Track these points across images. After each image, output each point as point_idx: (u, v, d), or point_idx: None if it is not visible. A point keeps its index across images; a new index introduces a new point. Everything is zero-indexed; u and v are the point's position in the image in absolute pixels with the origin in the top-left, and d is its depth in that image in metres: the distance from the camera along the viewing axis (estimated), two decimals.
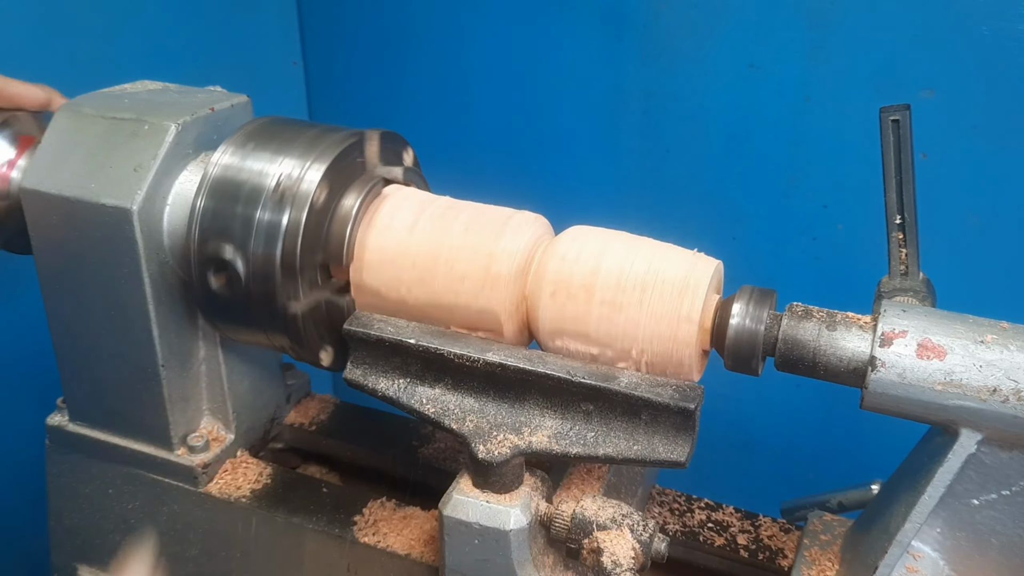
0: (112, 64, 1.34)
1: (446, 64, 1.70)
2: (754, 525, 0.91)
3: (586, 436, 0.70)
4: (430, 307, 0.77)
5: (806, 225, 1.48)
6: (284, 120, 0.84)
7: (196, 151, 0.84)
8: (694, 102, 1.50)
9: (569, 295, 0.72)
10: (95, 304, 0.85)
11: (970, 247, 1.36)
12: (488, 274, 0.74)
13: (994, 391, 0.62)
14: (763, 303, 0.70)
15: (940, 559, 0.70)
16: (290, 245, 0.75)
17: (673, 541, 0.88)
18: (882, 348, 0.64)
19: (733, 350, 0.70)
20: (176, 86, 0.94)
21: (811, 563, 0.79)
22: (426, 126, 1.72)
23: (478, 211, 0.79)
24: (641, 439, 0.69)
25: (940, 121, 1.31)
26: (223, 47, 1.60)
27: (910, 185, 0.75)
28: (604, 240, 0.74)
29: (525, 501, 0.70)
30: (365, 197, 0.80)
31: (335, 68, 1.82)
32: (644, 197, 1.60)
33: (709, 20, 1.44)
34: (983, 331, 0.64)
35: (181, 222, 0.81)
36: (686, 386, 0.69)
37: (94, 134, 0.83)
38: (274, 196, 0.76)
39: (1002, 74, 1.27)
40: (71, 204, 0.81)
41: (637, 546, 0.67)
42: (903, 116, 0.74)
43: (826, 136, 1.42)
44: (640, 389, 0.68)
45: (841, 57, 1.37)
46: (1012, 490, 0.66)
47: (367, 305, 0.80)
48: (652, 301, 0.70)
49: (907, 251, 0.75)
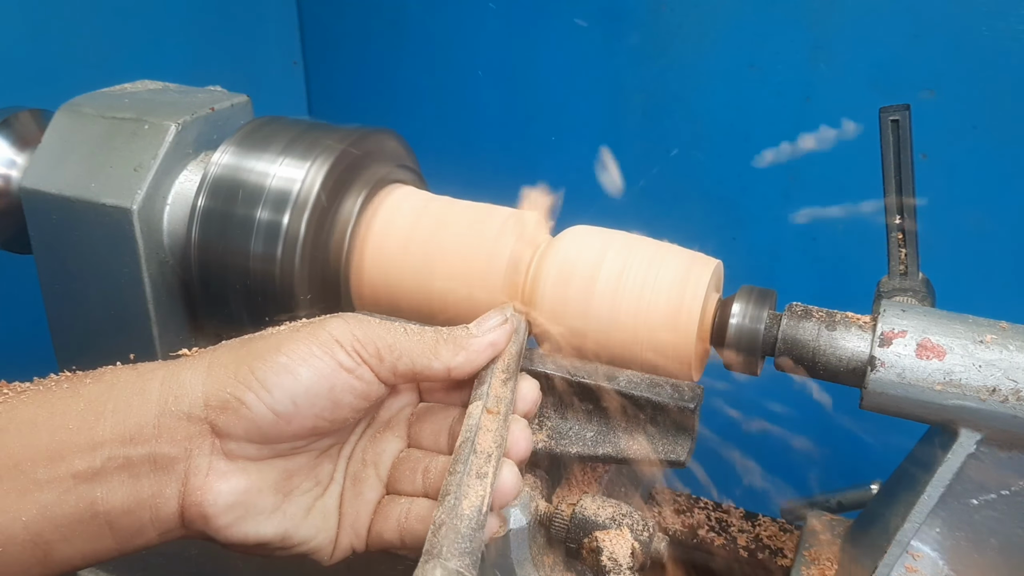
0: (112, 64, 1.34)
1: (446, 64, 1.70)
2: (754, 525, 0.91)
3: (586, 436, 0.70)
4: (429, 307, 0.77)
5: (806, 225, 1.48)
6: (284, 119, 0.84)
7: (196, 151, 0.84)
8: (694, 102, 1.50)
9: (568, 295, 0.72)
10: (95, 304, 0.85)
11: (970, 247, 1.36)
12: (486, 274, 0.74)
13: (993, 391, 0.62)
14: (763, 303, 0.70)
15: (939, 559, 0.70)
16: (290, 245, 0.75)
17: (673, 541, 0.88)
18: (881, 348, 0.64)
19: (733, 350, 0.70)
20: (176, 86, 0.94)
21: (811, 563, 0.79)
22: (426, 126, 1.72)
23: (477, 211, 0.79)
24: (641, 439, 0.69)
25: (940, 121, 1.31)
26: (223, 47, 1.61)
27: (910, 185, 0.75)
28: (604, 240, 0.74)
29: (525, 501, 0.70)
30: (365, 197, 0.80)
31: (335, 68, 1.82)
32: (644, 197, 1.60)
33: (709, 20, 1.44)
34: (982, 331, 0.64)
35: (181, 222, 0.81)
36: (686, 386, 0.69)
37: (94, 134, 0.83)
38: (274, 196, 0.76)
39: (1002, 74, 1.27)
40: (71, 204, 0.81)
41: (637, 546, 0.67)
42: (903, 116, 0.74)
43: (826, 136, 1.42)
44: (640, 389, 0.68)
45: (841, 57, 1.37)
46: (1011, 490, 0.66)
47: (367, 305, 0.80)
48: (652, 301, 0.70)
49: (907, 251, 0.76)
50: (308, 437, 0.56)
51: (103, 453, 0.52)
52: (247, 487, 0.54)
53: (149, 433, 0.53)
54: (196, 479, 0.53)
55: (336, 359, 0.55)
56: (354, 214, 0.79)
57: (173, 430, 0.53)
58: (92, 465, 0.51)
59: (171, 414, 0.53)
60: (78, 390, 0.54)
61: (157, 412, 0.53)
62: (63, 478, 0.51)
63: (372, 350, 0.56)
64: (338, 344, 0.55)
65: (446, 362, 0.59)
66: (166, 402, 0.53)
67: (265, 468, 0.56)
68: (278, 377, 0.53)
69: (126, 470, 0.52)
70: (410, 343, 0.58)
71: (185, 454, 0.53)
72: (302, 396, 0.54)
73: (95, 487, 0.52)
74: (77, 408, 0.53)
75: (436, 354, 0.58)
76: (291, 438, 0.55)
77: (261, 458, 0.55)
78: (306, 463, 0.58)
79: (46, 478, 0.51)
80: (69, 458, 0.51)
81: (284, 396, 0.53)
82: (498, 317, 0.62)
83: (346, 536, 0.60)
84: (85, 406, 0.53)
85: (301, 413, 0.54)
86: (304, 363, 0.54)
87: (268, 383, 0.53)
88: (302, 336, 0.55)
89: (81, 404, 0.53)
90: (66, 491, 0.51)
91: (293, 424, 0.54)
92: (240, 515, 0.54)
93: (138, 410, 0.53)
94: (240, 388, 0.53)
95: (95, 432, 0.52)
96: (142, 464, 0.52)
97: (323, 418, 0.55)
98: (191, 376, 0.54)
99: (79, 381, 0.55)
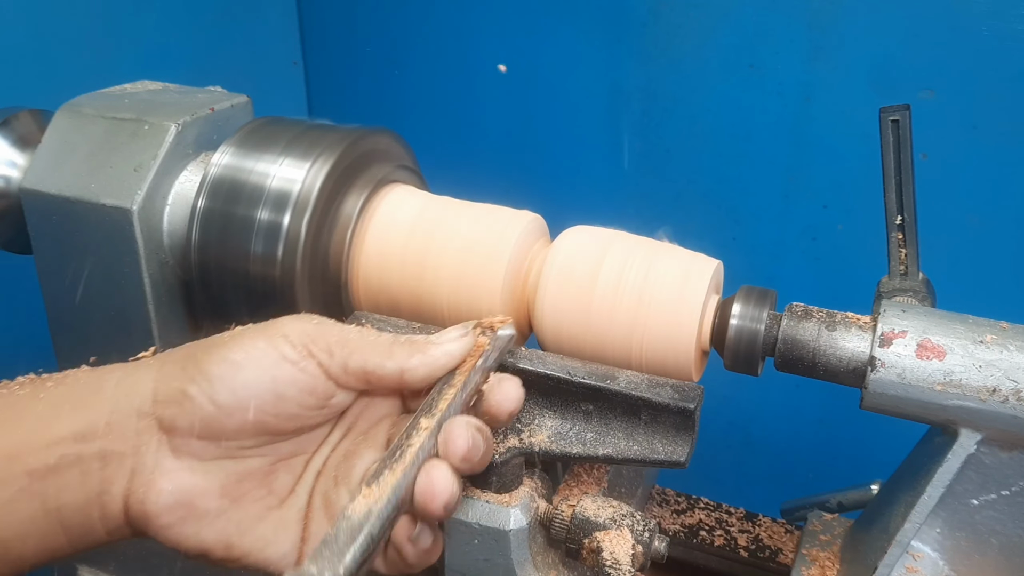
0: (112, 64, 1.34)
1: (446, 64, 1.70)
2: (754, 525, 0.91)
3: (586, 436, 0.70)
4: (428, 307, 0.77)
5: (806, 225, 1.49)
6: (284, 120, 0.84)
7: (196, 151, 0.84)
8: (694, 102, 1.50)
9: (568, 295, 0.72)
10: (95, 304, 0.85)
11: (970, 247, 1.36)
12: (485, 275, 0.74)
13: (993, 391, 0.62)
14: (763, 303, 0.70)
15: (940, 559, 0.70)
16: (291, 246, 0.75)
17: (673, 541, 0.88)
18: (882, 348, 0.64)
19: (733, 350, 0.70)
20: (176, 86, 0.94)
21: (811, 563, 0.79)
22: (426, 126, 1.72)
23: (476, 211, 0.79)
24: (641, 439, 0.69)
25: (940, 121, 1.31)
26: (223, 47, 1.61)
27: (910, 185, 0.75)
28: (604, 240, 0.74)
29: (525, 501, 0.70)
30: (366, 197, 0.80)
31: (335, 68, 1.82)
32: (644, 197, 1.60)
33: (709, 20, 1.44)
34: (983, 331, 0.64)
35: (181, 222, 0.81)
36: (686, 386, 0.69)
37: (94, 134, 0.83)
38: (275, 196, 0.76)
39: (1002, 74, 1.27)
40: (71, 204, 0.81)
41: (637, 546, 0.67)
42: (903, 116, 0.74)
43: (826, 136, 1.42)
44: (640, 389, 0.68)
45: (841, 57, 1.37)
46: (1012, 490, 0.66)
47: (366, 304, 0.80)
48: (651, 301, 0.70)
49: (907, 251, 0.76)
50: (256, 435, 0.56)
51: (57, 451, 0.52)
52: (191, 487, 0.54)
53: (101, 430, 0.53)
54: (141, 476, 0.53)
55: (279, 351, 0.54)
56: (354, 214, 0.79)
57: (123, 427, 0.53)
58: (47, 463, 0.52)
59: (122, 411, 0.53)
60: (38, 392, 0.54)
61: (110, 409, 0.53)
62: (18, 476, 0.51)
63: (322, 344, 0.56)
64: (284, 338, 0.55)
65: (400, 363, 0.57)
66: (118, 399, 0.53)
67: (213, 468, 0.55)
68: (220, 368, 0.53)
69: (77, 466, 0.52)
70: (364, 342, 0.57)
71: (133, 450, 0.53)
72: (241, 387, 0.53)
73: (48, 485, 0.52)
74: (37, 409, 0.53)
75: (390, 354, 0.57)
76: (236, 435, 0.55)
77: (209, 457, 0.55)
78: (258, 468, 0.57)
79: (2, 477, 0.51)
80: (25, 457, 0.52)
81: (224, 387, 0.53)
82: (460, 331, 0.61)
83: None
84: (44, 407, 0.53)
85: (242, 405, 0.53)
86: (246, 355, 0.54)
87: (210, 374, 0.53)
88: (251, 331, 0.56)
89: (41, 405, 0.53)
90: (21, 489, 0.51)
91: (235, 417, 0.54)
92: (182, 516, 0.54)
93: (92, 407, 0.53)
94: (185, 380, 0.53)
95: (52, 431, 0.52)
96: (92, 461, 0.53)
97: (266, 412, 0.54)
98: (144, 374, 0.55)
99: (40, 384, 0.55)
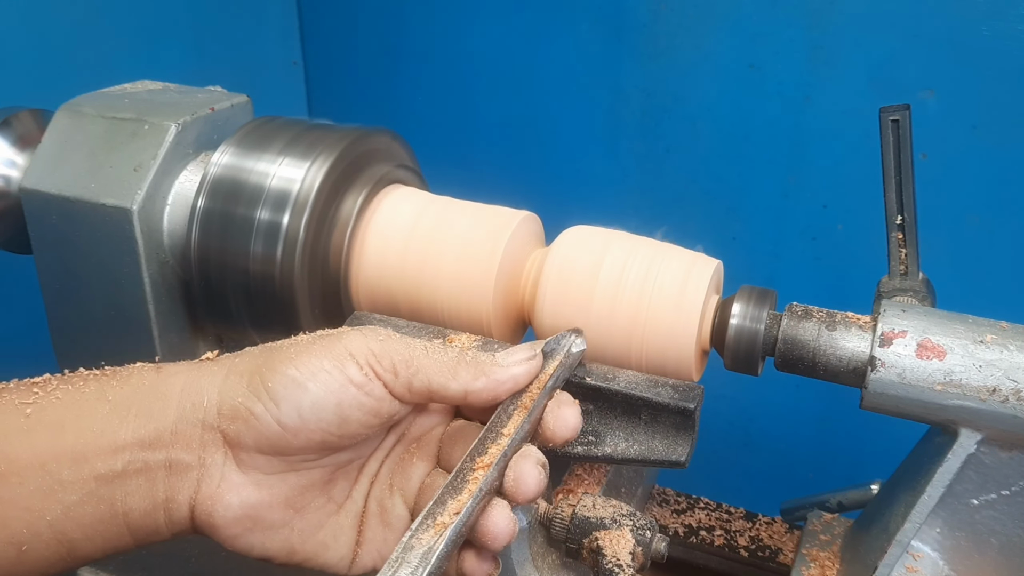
0: (112, 64, 1.34)
1: (446, 64, 1.70)
2: (754, 525, 0.91)
3: (585, 436, 0.70)
4: (427, 306, 0.77)
5: (806, 225, 1.49)
6: (284, 119, 0.84)
7: (196, 151, 0.84)
8: (694, 102, 1.50)
9: (568, 295, 0.72)
10: (95, 304, 0.85)
11: (970, 247, 1.36)
12: (484, 275, 0.74)
13: (994, 391, 0.62)
14: (763, 303, 0.70)
15: (940, 559, 0.70)
16: (290, 245, 0.75)
17: (673, 541, 0.88)
18: (882, 348, 0.64)
19: (733, 350, 0.70)
20: (176, 86, 0.94)
21: (811, 563, 0.79)
22: (426, 126, 1.72)
23: (476, 211, 0.79)
24: (641, 439, 0.69)
25: (940, 121, 1.31)
26: (223, 47, 1.61)
27: (910, 185, 0.75)
28: (604, 240, 0.74)
29: None
30: (365, 197, 0.80)
31: (335, 68, 1.82)
32: (644, 197, 1.60)
33: (709, 20, 1.44)
34: (983, 331, 0.64)
35: (181, 222, 0.81)
36: (686, 386, 0.69)
37: (94, 134, 0.83)
38: (274, 196, 0.76)
39: (1002, 74, 1.27)
40: (71, 204, 0.81)
41: (637, 546, 0.67)
42: (903, 116, 0.74)
43: (826, 136, 1.42)
44: (639, 389, 0.68)
45: (841, 57, 1.37)
46: (1012, 490, 0.66)
47: (366, 303, 0.80)
48: (651, 301, 0.70)
49: (907, 251, 0.76)
50: (319, 452, 0.56)
51: (124, 457, 0.52)
52: (257, 501, 0.54)
53: (167, 439, 0.53)
54: (207, 488, 0.53)
55: (346, 374, 0.54)
56: (354, 214, 0.79)
57: (189, 437, 0.53)
58: (113, 468, 0.52)
59: (187, 420, 0.53)
60: (104, 393, 0.54)
61: (175, 418, 0.53)
62: (86, 480, 0.52)
63: (387, 364, 0.55)
64: (351, 358, 0.54)
65: (464, 385, 0.57)
66: (184, 408, 0.54)
67: (277, 482, 0.55)
68: (286, 390, 0.53)
69: (144, 474, 0.53)
70: (428, 360, 0.56)
71: (199, 462, 0.53)
72: (308, 410, 0.53)
73: (115, 489, 0.52)
74: (102, 411, 0.53)
75: (455, 375, 0.57)
76: (300, 451, 0.55)
77: (273, 471, 0.55)
78: (320, 478, 0.58)
79: (70, 479, 0.51)
80: (92, 460, 0.52)
81: (290, 409, 0.53)
82: (527, 352, 0.60)
83: (368, 557, 0.59)
84: (110, 409, 0.53)
85: (308, 427, 0.54)
86: (313, 377, 0.53)
87: (276, 395, 0.53)
88: (316, 349, 0.55)
89: (106, 408, 0.53)
90: (89, 493, 0.52)
91: (300, 437, 0.54)
92: (248, 527, 0.54)
93: (158, 415, 0.53)
94: (251, 398, 0.53)
95: (118, 435, 0.52)
96: (159, 469, 0.53)
97: (331, 433, 0.54)
98: (209, 383, 0.54)
99: (106, 383, 0.55)
